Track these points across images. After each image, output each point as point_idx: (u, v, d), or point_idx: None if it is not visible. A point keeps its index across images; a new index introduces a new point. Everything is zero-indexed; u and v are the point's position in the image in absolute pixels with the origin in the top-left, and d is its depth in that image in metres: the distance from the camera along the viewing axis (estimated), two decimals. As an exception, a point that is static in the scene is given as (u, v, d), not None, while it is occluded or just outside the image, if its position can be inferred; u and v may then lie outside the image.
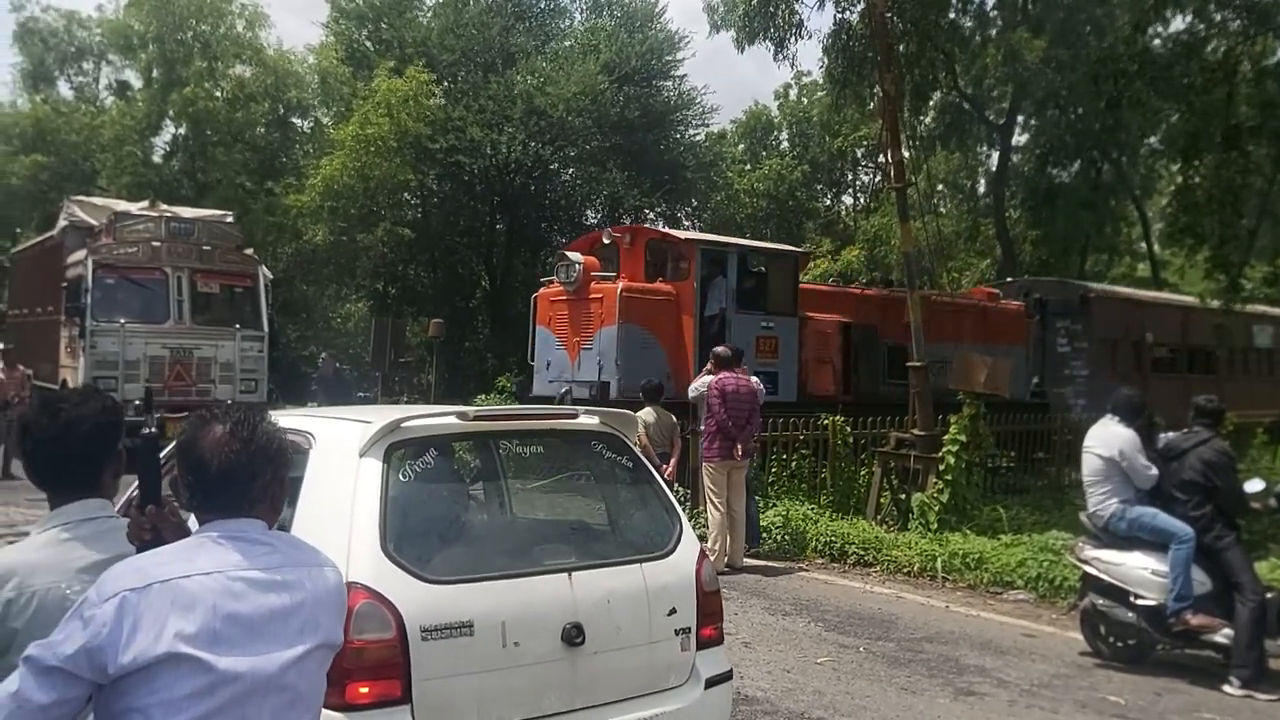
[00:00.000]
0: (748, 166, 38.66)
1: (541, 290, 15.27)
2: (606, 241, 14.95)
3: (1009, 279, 23.56)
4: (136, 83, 27.03)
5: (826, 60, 24.11)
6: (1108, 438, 7.31)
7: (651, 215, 29.74)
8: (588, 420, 4.30)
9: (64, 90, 27.35)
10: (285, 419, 3.48)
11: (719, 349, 10.59)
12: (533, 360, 15.30)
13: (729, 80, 67.33)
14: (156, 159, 26.86)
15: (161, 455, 2.54)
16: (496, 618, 3.63)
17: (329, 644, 2.20)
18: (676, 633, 4.09)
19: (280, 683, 2.08)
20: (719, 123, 33.06)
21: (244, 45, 25.95)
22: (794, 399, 14.69)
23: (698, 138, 31.14)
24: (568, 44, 29.60)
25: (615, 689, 3.91)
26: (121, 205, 17.83)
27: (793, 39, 19.80)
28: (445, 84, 26.45)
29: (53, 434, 2.47)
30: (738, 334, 14.21)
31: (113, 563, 2.33)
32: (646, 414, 10.28)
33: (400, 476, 3.75)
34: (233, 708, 2.01)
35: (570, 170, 30.13)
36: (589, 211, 31.21)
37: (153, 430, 2.38)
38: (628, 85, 27.73)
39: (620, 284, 13.98)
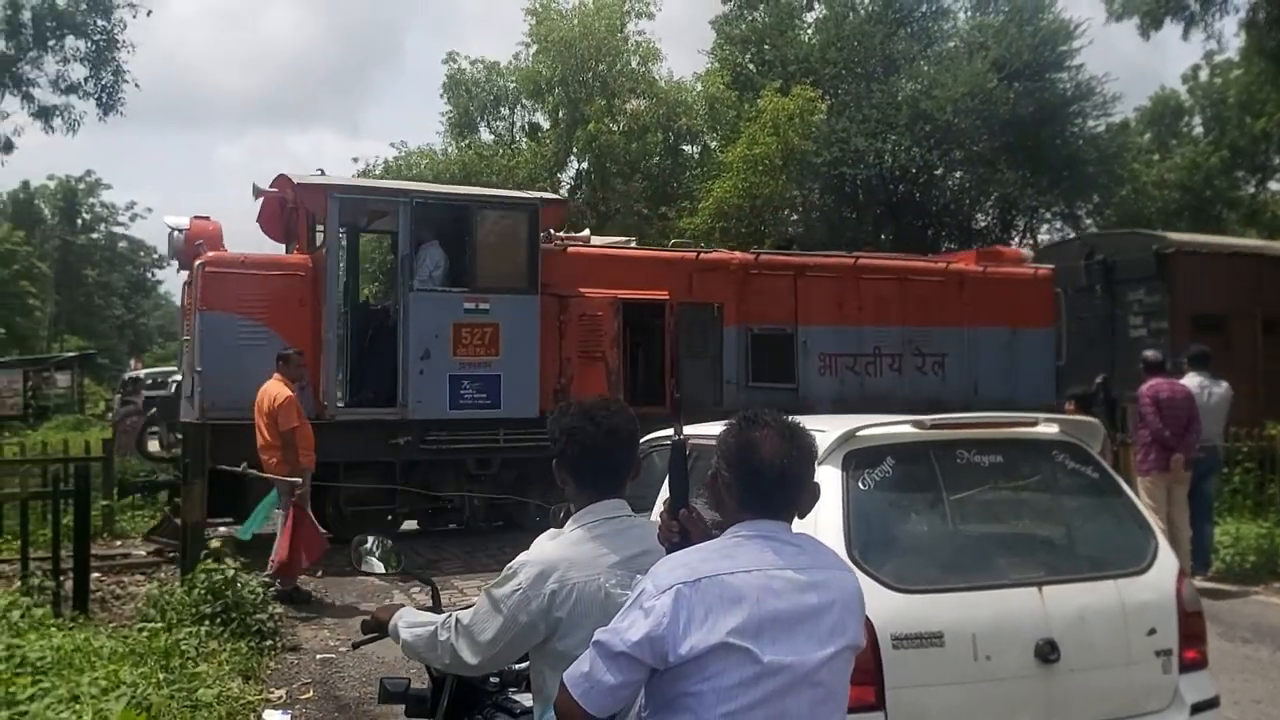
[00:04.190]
0: (1155, 157, 35.68)
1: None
2: (257, 200, 11.29)
3: (1073, 236, 18.14)
4: (545, 123, 29.37)
5: (1245, 35, 22.00)
6: None
7: (1048, 215, 28.19)
8: (1047, 429, 4.14)
9: (484, 135, 30.15)
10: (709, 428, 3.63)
11: (1148, 353, 9.78)
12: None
13: (1121, 67, 62.64)
14: (563, 193, 29.00)
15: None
16: (967, 630, 3.57)
17: (854, 646, 2.26)
18: (1157, 654, 3.83)
19: (814, 679, 2.15)
20: (1121, 112, 30.77)
21: (638, 79, 27.45)
22: (534, 413, 10.59)
23: (1098, 129, 29.12)
24: (952, 44, 28.76)
25: (1092, 710, 3.73)
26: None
27: (1214, 15, 18.14)
28: (828, 98, 26.53)
29: (596, 440, 2.68)
30: (418, 321, 10.40)
31: (638, 559, 2.53)
32: (1071, 423, 9.72)
33: (860, 485, 3.78)
34: (775, 699, 2.11)
35: (958, 173, 29.18)
36: (979, 215, 30.10)
37: (680, 437, 2.54)
38: (1018, 81, 26.46)
39: (205, 256, 10.26)
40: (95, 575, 8.96)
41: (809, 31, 30.15)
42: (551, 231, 11.66)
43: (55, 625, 6.87)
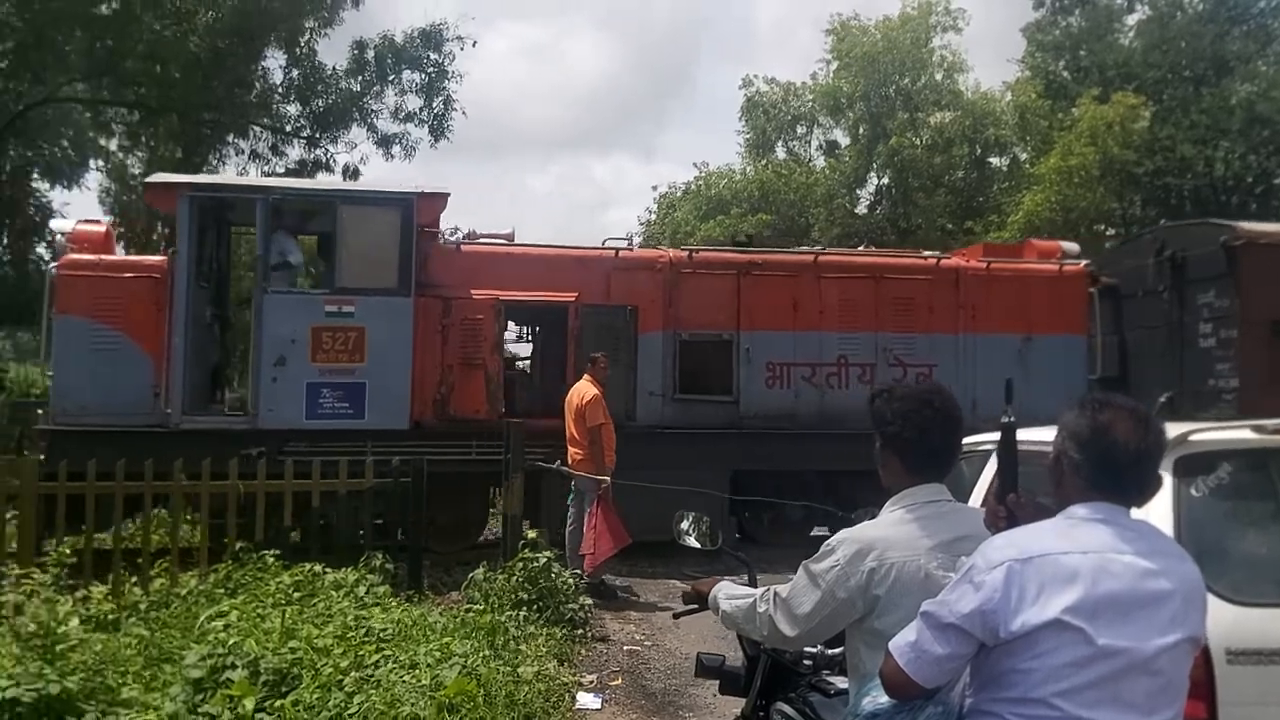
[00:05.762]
0: None
1: None
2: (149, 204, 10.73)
3: (1149, 229, 14.35)
4: (843, 141, 29.28)
5: None
6: None
7: None
8: None
9: (780, 154, 30.43)
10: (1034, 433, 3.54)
11: None
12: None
13: None
14: (861, 209, 28.75)
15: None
16: (1314, 650, 3.31)
17: (1194, 638, 2.18)
18: None
19: (1153, 667, 2.10)
20: None
21: (943, 92, 26.85)
22: (404, 424, 9.84)
23: None
24: (1297, 41, 26.29)
25: None
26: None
27: None
28: (1151, 104, 24.92)
29: (933, 423, 2.71)
30: (272, 325, 9.75)
31: (960, 543, 2.54)
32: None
33: (1192, 491, 3.60)
34: (1108, 683, 2.07)
35: (1302, 182, 26.59)
36: (1328, 227, 27.23)
37: (1011, 419, 2.53)
38: (1380, 77, 23.88)
39: (63, 259, 9.90)
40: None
41: (1130, 35, 28.44)
42: (475, 229, 11.11)
43: (395, 602, 7.59)
